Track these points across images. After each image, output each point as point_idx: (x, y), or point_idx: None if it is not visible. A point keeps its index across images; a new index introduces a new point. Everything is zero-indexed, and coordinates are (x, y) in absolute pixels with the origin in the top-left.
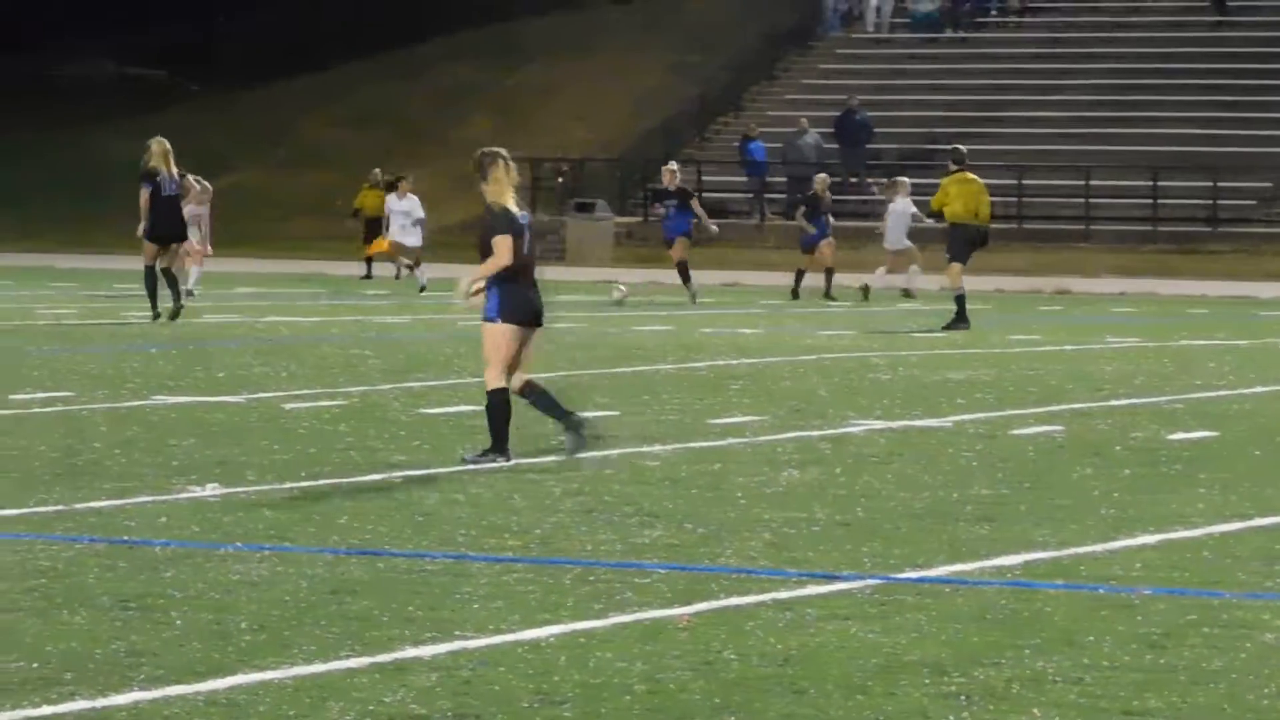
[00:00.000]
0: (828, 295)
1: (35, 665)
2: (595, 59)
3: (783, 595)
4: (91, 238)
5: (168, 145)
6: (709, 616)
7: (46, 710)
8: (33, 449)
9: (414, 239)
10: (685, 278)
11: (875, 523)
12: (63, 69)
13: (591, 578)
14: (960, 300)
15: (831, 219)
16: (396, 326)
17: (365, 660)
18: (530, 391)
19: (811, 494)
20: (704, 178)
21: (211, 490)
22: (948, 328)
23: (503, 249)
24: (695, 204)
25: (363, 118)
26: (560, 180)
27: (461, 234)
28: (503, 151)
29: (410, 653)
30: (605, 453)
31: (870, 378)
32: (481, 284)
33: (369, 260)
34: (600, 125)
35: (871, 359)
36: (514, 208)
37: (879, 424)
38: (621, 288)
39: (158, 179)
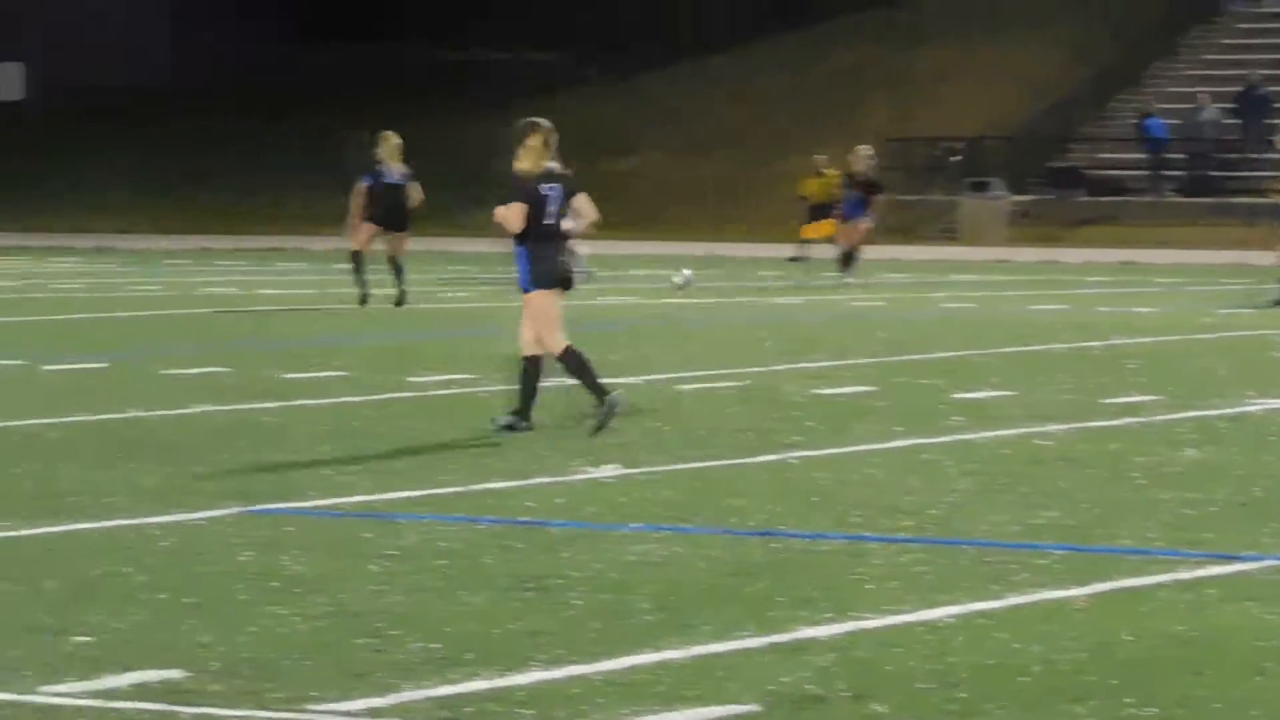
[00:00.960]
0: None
1: (437, 645)
2: (994, 38)
3: (1182, 576)
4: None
5: (397, 140)
6: (1106, 598)
7: (448, 690)
8: (432, 431)
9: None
10: (847, 261)
11: (1275, 503)
12: (458, 55)
13: (988, 559)
14: None
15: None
16: (790, 308)
17: (763, 640)
18: (535, 363)
19: (1209, 474)
20: (1101, 155)
21: (609, 471)
22: None
23: (514, 216)
24: (875, 200)
25: (761, 99)
26: (955, 159)
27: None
28: (544, 123)
29: (807, 633)
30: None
31: (1270, 356)
32: (502, 214)
33: (805, 242)
34: (996, 104)
35: (1271, 337)
36: (543, 177)
37: (1278, 403)
38: (686, 273)
39: (378, 169)
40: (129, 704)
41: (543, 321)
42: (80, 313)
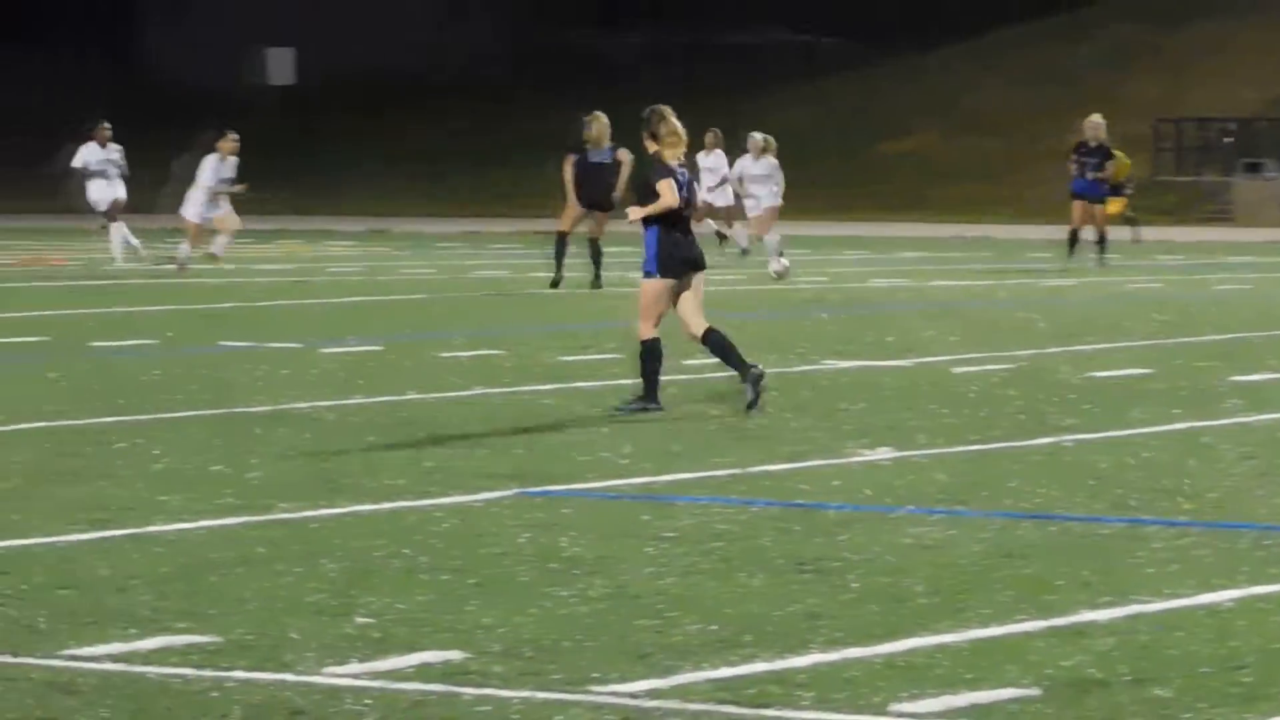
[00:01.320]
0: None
1: (715, 627)
2: (1267, 15)
3: None
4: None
5: (606, 121)
6: None
7: (727, 672)
8: (707, 413)
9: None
10: (1102, 243)
11: None
12: (735, 37)
13: (1268, 541)
14: None
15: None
16: (1064, 290)
17: (1041, 624)
18: (711, 338)
19: None
20: None
21: (883, 454)
22: None
23: (667, 191)
24: (1109, 165)
25: (1031, 79)
26: (1227, 140)
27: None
28: (667, 111)
29: (1086, 617)
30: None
31: None
32: (641, 213)
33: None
34: (1270, 83)
35: None
36: (675, 164)
37: None
38: (783, 261)
39: (586, 148)
40: (411, 685)
41: (645, 306)
42: (355, 296)
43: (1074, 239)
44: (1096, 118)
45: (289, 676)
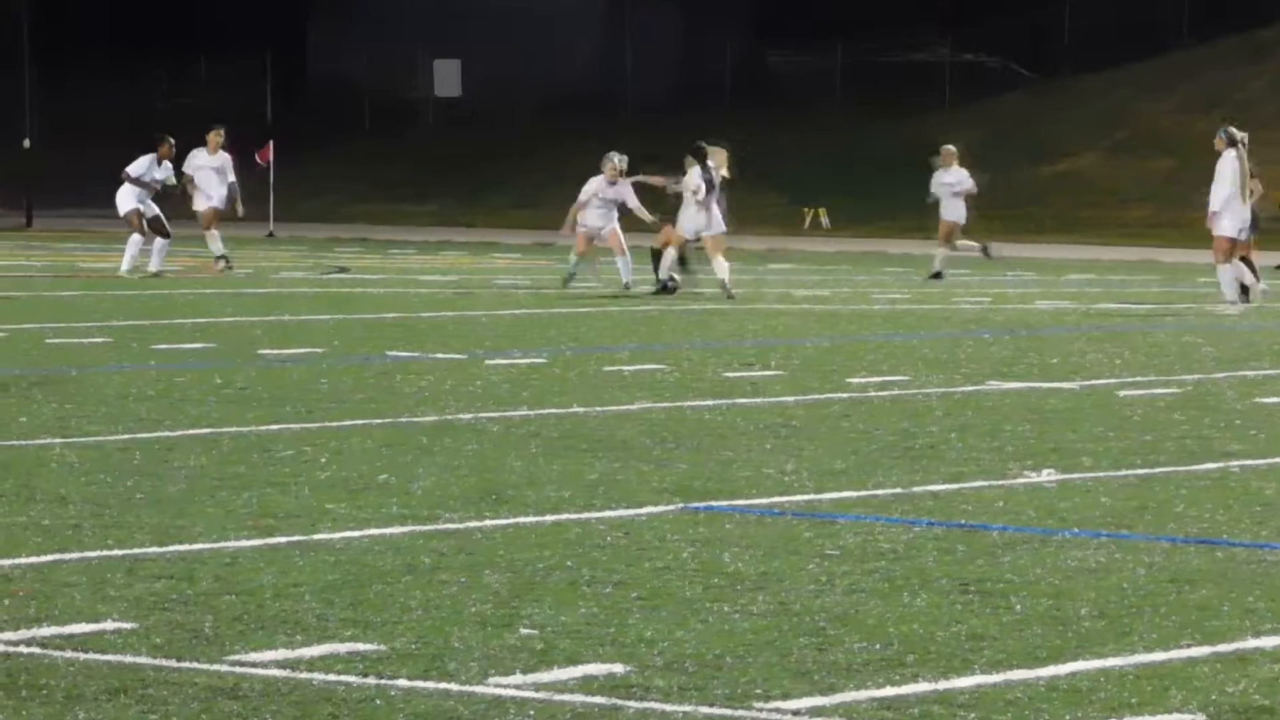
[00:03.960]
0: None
1: (878, 646)
2: None
3: None
4: (923, 223)
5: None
6: None
7: (890, 691)
8: (870, 432)
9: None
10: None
11: None
12: (903, 55)
13: None
14: None
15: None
16: (1230, 316)
17: (1206, 650)
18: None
19: None
20: None
21: (1048, 476)
22: None
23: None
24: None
25: (1202, 103)
26: None
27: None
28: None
29: (1252, 643)
30: None
31: None
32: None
33: None
34: None
35: None
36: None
37: None
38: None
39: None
40: (574, 697)
41: None
42: (520, 309)
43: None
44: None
45: (452, 686)
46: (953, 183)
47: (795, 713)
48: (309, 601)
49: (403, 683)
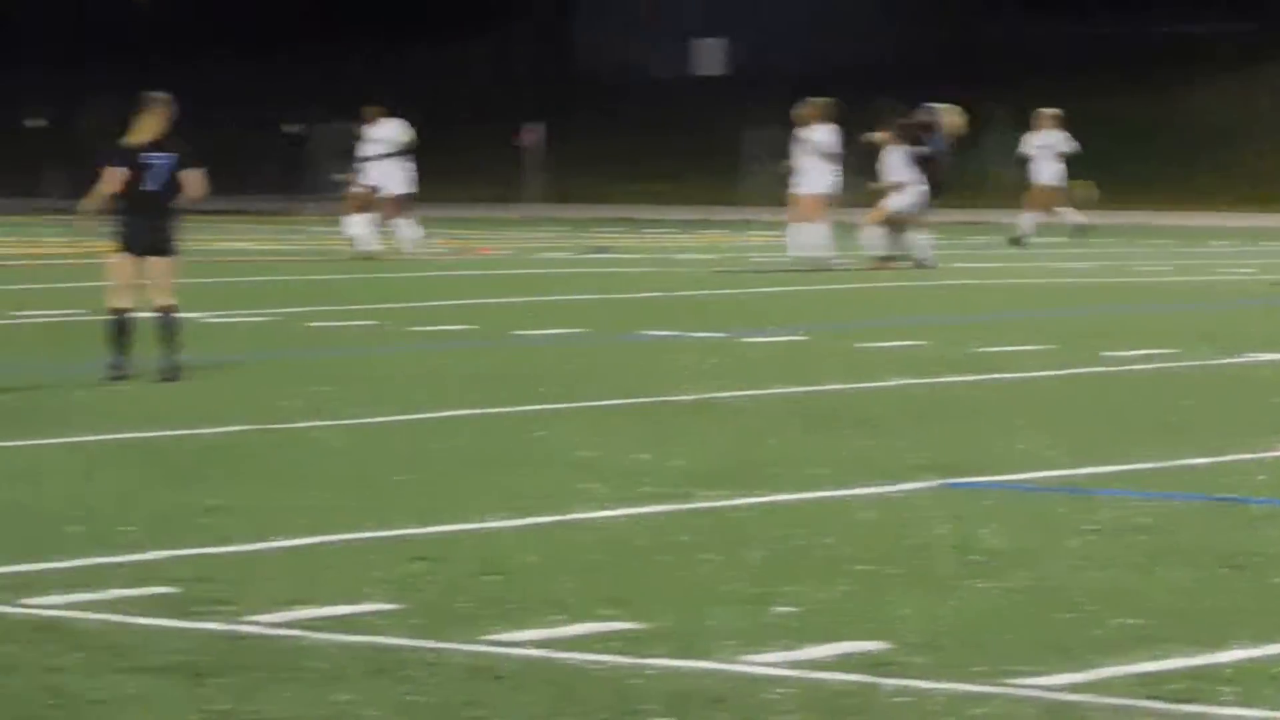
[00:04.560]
0: None
1: (1137, 621)
2: None
3: None
4: (1181, 198)
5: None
6: None
7: (1149, 667)
8: (1127, 406)
9: None
10: None
11: None
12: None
13: None
14: None
15: None
16: None
17: None
18: None
19: None
20: None
21: None
22: None
23: None
24: None
25: None
26: None
27: None
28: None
29: None
30: None
31: None
32: None
33: None
34: None
35: None
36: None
37: None
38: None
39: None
40: (831, 675)
41: None
42: (776, 286)
43: None
44: None
45: (710, 664)
46: (1050, 145)
47: (1053, 689)
48: (566, 581)
49: (660, 661)
